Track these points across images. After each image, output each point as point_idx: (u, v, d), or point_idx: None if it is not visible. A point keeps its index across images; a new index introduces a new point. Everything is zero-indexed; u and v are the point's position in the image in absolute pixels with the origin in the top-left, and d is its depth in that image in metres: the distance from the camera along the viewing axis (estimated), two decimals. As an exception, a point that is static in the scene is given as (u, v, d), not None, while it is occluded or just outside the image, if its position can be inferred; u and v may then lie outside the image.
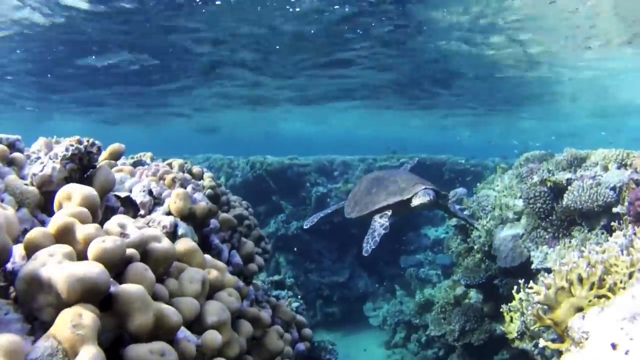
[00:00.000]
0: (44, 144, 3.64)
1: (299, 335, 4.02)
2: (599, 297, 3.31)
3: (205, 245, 3.51)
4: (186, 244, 2.64)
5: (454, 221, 10.64)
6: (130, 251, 2.14)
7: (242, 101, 27.84)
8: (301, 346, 3.95)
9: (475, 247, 9.61)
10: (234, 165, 19.16)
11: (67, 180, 2.67)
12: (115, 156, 3.93)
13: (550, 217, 7.81)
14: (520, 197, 8.93)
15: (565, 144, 10.12)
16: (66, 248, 1.92)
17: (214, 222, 3.52)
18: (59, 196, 2.39)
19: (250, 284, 3.89)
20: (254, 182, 17.82)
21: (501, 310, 6.81)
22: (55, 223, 2.07)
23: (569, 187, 7.61)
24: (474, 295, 10.00)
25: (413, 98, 28.01)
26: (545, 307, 3.64)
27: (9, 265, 2.03)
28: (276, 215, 16.97)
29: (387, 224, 7.51)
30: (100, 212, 2.60)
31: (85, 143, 2.67)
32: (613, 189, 7.27)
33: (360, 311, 15.38)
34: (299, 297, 11.16)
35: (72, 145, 2.64)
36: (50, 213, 2.54)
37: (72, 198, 2.34)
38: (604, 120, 34.99)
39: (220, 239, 3.68)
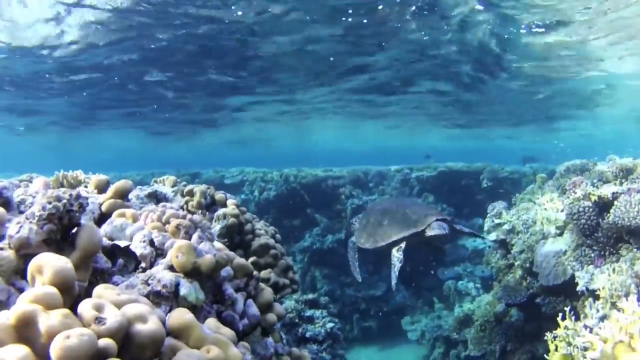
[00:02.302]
0: (43, 185, 3.37)
1: (324, 387, 3.69)
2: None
3: (218, 294, 3.19)
4: (181, 317, 2.31)
5: (492, 236, 10.22)
6: (104, 343, 1.80)
7: (277, 113, 27.73)
8: (327, 399, 3.61)
9: (516, 263, 9.22)
10: (267, 178, 18.96)
11: (47, 242, 2.37)
12: (121, 194, 3.63)
13: (596, 234, 7.38)
14: (562, 211, 8.51)
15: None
16: (21, 351, 1.60)
17: (227, 270, 3.20)
18: (31, 268, 2.08)
19: (269, 335, 3.57)
20: (288, 196, 17.58)
21: (545, 337, 6.40)
22: (14, 313, 1.75)
23: (615, 202, 7.18)
24: (514, 313, 9.58)
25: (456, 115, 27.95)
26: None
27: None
28: (311, 228, 16.69)
29: (402, 256, 8.48)
30: (78, 284, 2.29)
31: (65, 200, 2.36)
32: (664, 203, 6.82)
33: (398, 325, 15.00)
34: (335, 315, 10.87)
35: (49, 203, 2.33)
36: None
37: (42, 272, 2.03)
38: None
39: (235, 288, 3.36)
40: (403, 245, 8.60)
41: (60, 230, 2.39)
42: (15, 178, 4.91)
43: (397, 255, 8.54)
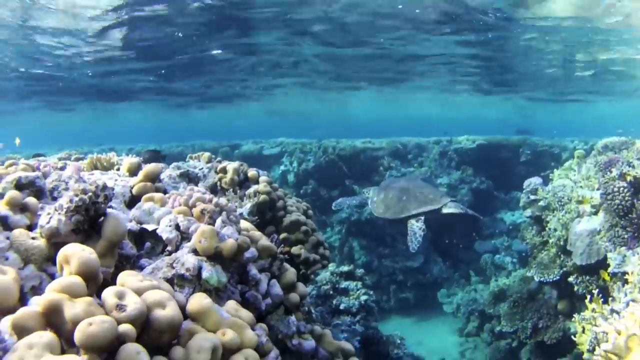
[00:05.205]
0: (75, 169, 3.53)
1: (345, 365, 3.81)
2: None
3: (242, 275, 3.33)
4: (199, 302, 2.45)
5: (528, 212, 10.21)
6: (123, 328, 1.97)
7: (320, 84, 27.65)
8: (347, 376, 3.73)
9: (551, 240, 9.19)
10: (306, 149, 19.08)
11: (75, 232, 2.53)
12: (151, 177, 3.79)
13: (630, 215, 7.31)
14: (598, 189, 8.44)
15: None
16: (46, 337, 1.77)
17: (251, 251, 3.33)
18: (59, 258, 2.25)
19: (292, 314, 3.70)
20: (326, 167, 17.70)
21: (573, 318, 6.43)
22: (42, 302, 1.92)
23: (652, 182, 7.10)
24: (548, 291, 9.58)
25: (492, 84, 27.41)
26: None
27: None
28: (349, 199, 16.81)
29: (424, 226, 9.89)
30: (104, 270, 2.45)
31: (90, 193, 2.51)
32: (702, 185, 6.75)
33: (434, 297, 15.10)
34: (370, 287, 10.98)
35: (76, 196, 2.49)
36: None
37: (69, 262, 2.19)
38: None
39: (259, 268, 3.50)
40: (422, 218, 9.96)
41: (88, 221, 2.55)
42: (55, 156, 5.11)
43: (417, 224, 9.92)
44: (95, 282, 2.23)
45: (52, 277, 2.49)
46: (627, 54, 18.84)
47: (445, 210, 10.01)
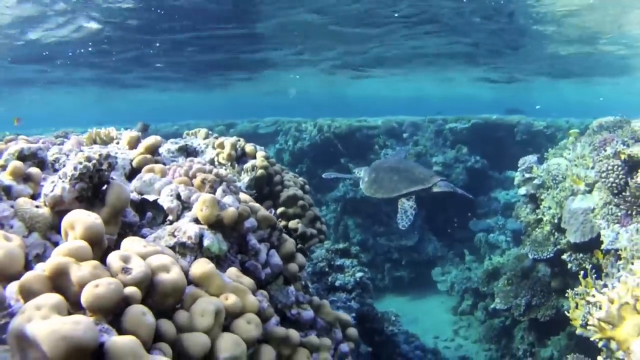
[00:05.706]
0: (76, 143, 3.56)
1: (343, 335, 3.86)
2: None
3: (242, 245, 3.37)
4: (202, 267, 2.50)
5: (522, 190, 10.27)
6: (129, 291, 2.01)
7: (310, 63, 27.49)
8: (345, 347, 3.78)
9: (545, 218, 9.27)
10: (301, 128, 19.11)
11: (79, 199, 2.57)
12: (151, 150, 3.81)
13: (624, 193, 7.37)
14: (593, 168, 8.49)
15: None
16: (54, 298, 1.79)
17: (251, 221, 3.37)
18: (64, 224, 2.29)
19: (291, 284, 3.75)
20: (322, 145, 17.73)
21: (566, 295, 6.50)
22: (49, 265, 1.95)
23: (645, 161, 7.15)
24: (542, 269, 9.66)
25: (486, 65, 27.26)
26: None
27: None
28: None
29: (415, 204, 10.16)
30: (108, 237, 2.48)
31: (95, 160, 2.54)
32: (695, 164, 6.80)
33: (429, 275, 15.22)
34: (365, 265, 11.05)
35: (80, 164, 2.52)
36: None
37: (74, 228, 2.22)
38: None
39: (259, 238, 3.53)
40: (413, 197, 10.26)
41: (91, 188, 2.59)
42: (52, 134, 5.13)
43: (408, 203, 10.19)
44: (100, 247, 2.27)
45: (56, 245, 2.50)
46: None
47: (435, 189, 10.26)
